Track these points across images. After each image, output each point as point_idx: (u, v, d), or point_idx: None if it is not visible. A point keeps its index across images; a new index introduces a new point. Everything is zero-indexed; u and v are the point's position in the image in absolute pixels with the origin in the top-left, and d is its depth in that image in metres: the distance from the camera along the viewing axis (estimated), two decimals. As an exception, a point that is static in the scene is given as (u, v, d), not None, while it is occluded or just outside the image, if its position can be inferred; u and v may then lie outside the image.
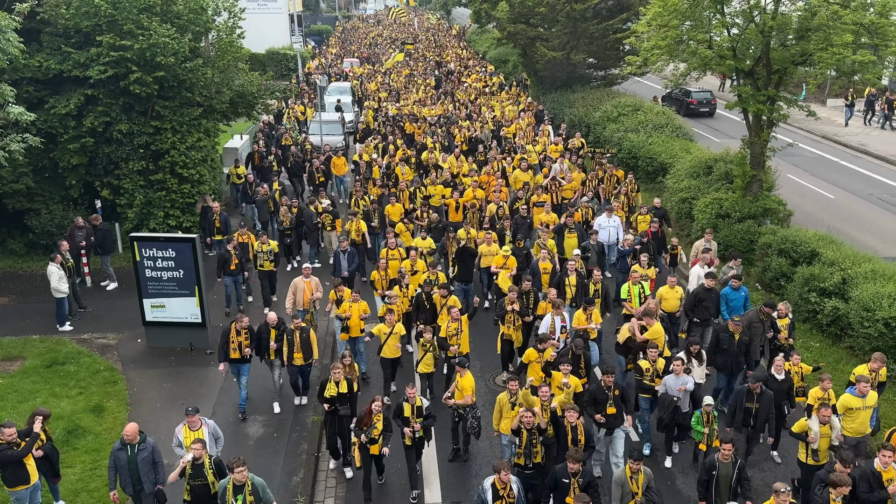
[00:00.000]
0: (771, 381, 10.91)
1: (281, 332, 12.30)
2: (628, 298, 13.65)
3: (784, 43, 16.81)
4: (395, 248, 15.34)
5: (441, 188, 20.10)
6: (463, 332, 12.55)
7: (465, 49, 56.13)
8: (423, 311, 13.41)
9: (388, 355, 12.57)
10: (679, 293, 13.71)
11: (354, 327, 13.24)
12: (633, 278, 13.71)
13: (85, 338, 15.01)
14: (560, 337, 12.42)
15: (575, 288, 14.00)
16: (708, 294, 13.35)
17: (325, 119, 27.69)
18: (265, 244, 15.77)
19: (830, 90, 37.04)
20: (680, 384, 10.90)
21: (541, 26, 32.59)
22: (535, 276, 14.91)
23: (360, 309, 13.24)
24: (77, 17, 16.92)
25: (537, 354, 11.50)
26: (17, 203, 17.75)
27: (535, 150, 23.83)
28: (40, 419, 9.70)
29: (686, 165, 21.28)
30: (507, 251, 15.33)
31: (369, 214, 18.14)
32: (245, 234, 15.91)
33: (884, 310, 13.05)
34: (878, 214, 21.74)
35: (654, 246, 16.04)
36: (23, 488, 9.41)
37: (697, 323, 13.50)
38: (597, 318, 12.96)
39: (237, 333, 12.08)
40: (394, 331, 12.45)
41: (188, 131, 18.41)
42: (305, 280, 14.06)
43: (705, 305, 13.33)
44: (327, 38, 66.53)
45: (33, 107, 16.44)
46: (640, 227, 17.18)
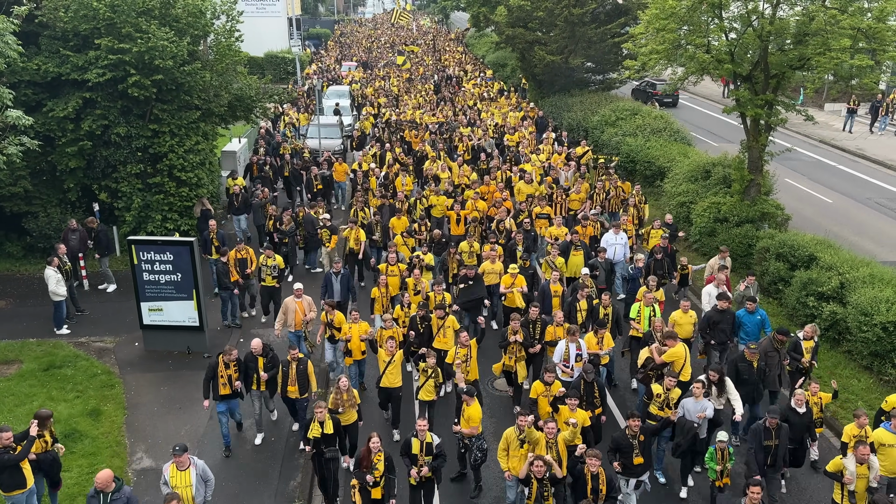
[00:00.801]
0: (791, 414, 10.20)
1: (270, 360, 11.36)
2: (637, 318, 12.92)
3: (782, 47, 16.86)
4: (396, 265, 14.60)
5: (443, 199, 19.21)
6: (472, 359, 11.69)
7: (464, 53, 55.94)
8: (418, 334, 12.60)
9: (387, 385, 11.63)
10: (693, 318, 12.83)
11: (356, 349, 12.45)
12: (647, 300, 12.93)
13: (82, 341, 14.98)
14: (575, 366, 11.57)
15: (586, 312, 13.20)
16: (722, 316, 12.62)
17: (324, 123, 27.68)
18: (270, 258, 14.96)
19: (828, 95, 37.12)
20: (699, 409, 10.15)
21: (539, 30, 32.68)
22: (545, 298, 13.92)
23: (361, 330, 12.40)
24: (75, 21, 16.91)
25: (544, 387, 10.67)
26: (15, 206, 17.72)
27: (539, 158, 23.06)
28: (35, 423, 9.66)
29: (684, 169, 21.32)
30: (515, 269, 14.30)
31: (371, 227, 17.59)
32: (244, 250, 15.20)
33: (882, 314, 13.05)
34: (875, 219, 21.77)
35: (668, 263, 15.35)
36: (19, 492, 9.36)
37: (714, 346, 12.74)
38: (608, 342, 12.26)
39: (226, 367, 11.06)
40: (394, 359, 11.49)
41: (186, 134, 18.41)
42: (297, 300, 13.17)
43: (720, 328, 12.60)
44: (326, 41, 66.59)
45: (31, 110, 16.43)
46: (651, 242, 16.45)
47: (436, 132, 26.95)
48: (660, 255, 15.24)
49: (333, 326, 12.70)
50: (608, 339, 12.26)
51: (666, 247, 15.64)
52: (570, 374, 11.48)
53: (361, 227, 17.26)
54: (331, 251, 17.72)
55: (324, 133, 26.43)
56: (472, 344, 11.70)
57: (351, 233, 16.77)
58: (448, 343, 12.37)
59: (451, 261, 15.71)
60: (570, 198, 19.37)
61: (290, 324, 13.16)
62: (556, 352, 11.78)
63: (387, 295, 13.93)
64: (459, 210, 18.23)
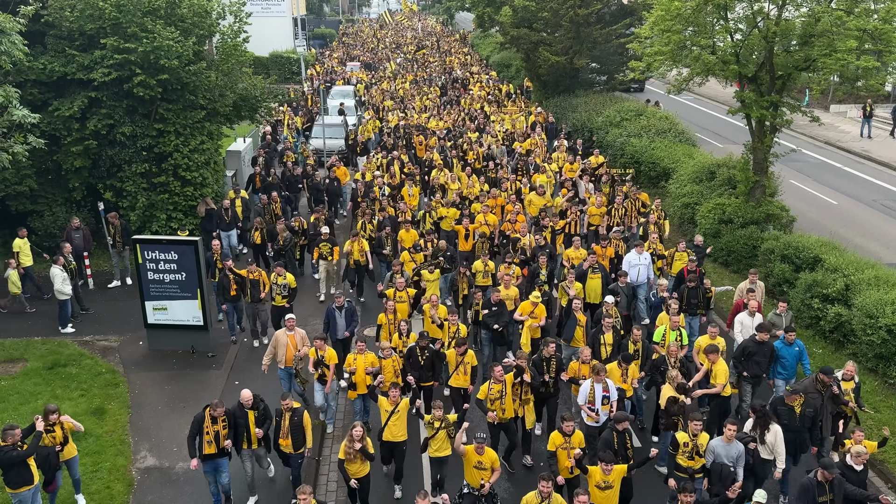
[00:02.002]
0: (848, 472, 9.00)
1: (262, 413, 10.16)
2: (661, 343, 11.97)
3: (787, 49, 16.82)
4: (405, 290, 13.54)
5: (453, 211, 17.96)
6: (507, 395, 10.53)
7: (469, 55, 55.46)
8: (416, 368, 11.51)
9: (390, 438, 10.33)
10: (721, 345, 11.70)
11: (361, 383, 11.43)
12: (673, 323, 12.02)
13: (87, 340, 15.02)
14: (601, 409, 10.38)
15: (612, 347, 11.88)
16: (759, 348, 11.48)
17: (328, 123, 27.70)
18: (281, 276, 14.23)
19: (834, 96, 37.02)
20: (733, 452, 9.20)
21: (544, 31, 32.65)
22: (570, 322, 12.82)
23: (367, 361, 11.42)
24: (81, 20, 16.96)
25: (563, 439, 9.42)
26: (21, 205, 17.78)
27: (551, 168, 21.86)
28: (40, 418, 9.69)
29: (689, 171, 21.28)
30: (538, 298, 12.95)
31: (381, 241, 16.73)
32: (256, 272, 14.40)
33: (887, 317, 13.01)
34: (881, 221, 21.70)
35: (703, 291, 13.89)
36: (26, 489, 9.40)
37: (747, 378, 11.70)
38: (633, 373, 11.16)
39: (212, 421, 9.83)
40: (398, 408, 10.21)
41: (191, 134, 18.44)
42: (289, 333, 12.08)
43: (756, 360, 11.52)
44: (331, 41, 66.64)
45: (37, 109, 16.47)
46: (676, 266, 15.24)
47: (444, 138, 25.67)
48: (693, 282, 13.82)
49: (323, 364, 11.66)
50: (633, 371, 11.17)
51: (695, 270, 14.25)
52: (596, 418, 10.42)
53: (370, 240, 16.63)
54: (329, 265, 16.81)
55: (328, 133, 26.46)
56: (507, 379, 10.55)
57: (354, 245, 16.04)
58: (467, 380, 11.46)
59: (461, 280, 14.56)
60: (590, 212, 18.12)
61: (281, 359, 12.05)
62: (581, 393, 10.62)
63: (394, 322, 12.68)
64: (468, 224, 17.06)
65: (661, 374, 11.07)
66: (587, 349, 11.30)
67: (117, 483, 10.86)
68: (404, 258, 15.32)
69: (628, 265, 14.99)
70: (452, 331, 12.35)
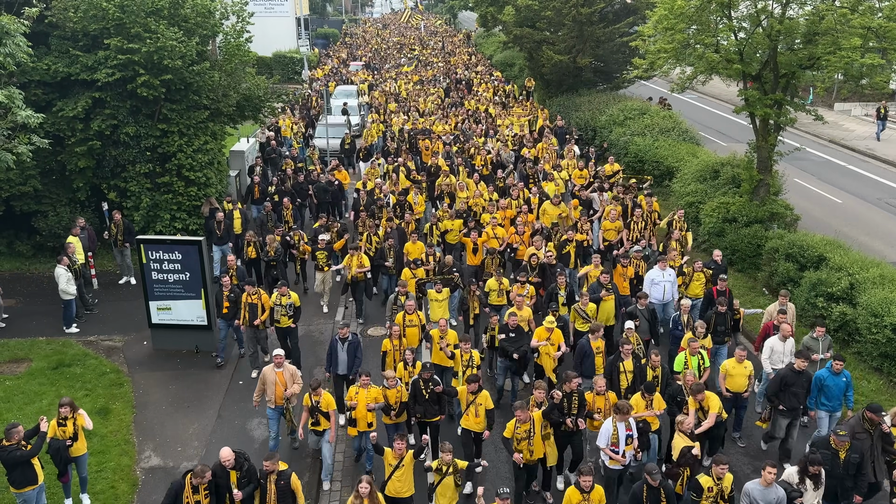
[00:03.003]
0: None
1: (246, 474, 9.01)
2: (683, 372, 11.06)
3: (791, 47, 16.77)
4: (414, 313, 12.43)
5: (459, 222, 16.91)
6: (536, 435, 9.70)
7: (473, 55, 54.88)
8: (420, 402, 10.60)
9: (394, 494, 9.31)
10: (748, 369, 11.05)
11: (361, 419, 10.53)
12: (693, 348, 11.14)
13: (91, 340, 15.05)
14: (625, 451, 9.55)
15: (632, 375, 10.89)
16: (798, 378, 10.54)
17: (332, 122, 27.71)
18: (285, 296, 13.27)
19: (838, 94, 36.93)
20: (772, 497, 8.52)
21: (547, 30, 32.63)
22: (585, 358, 11.59)
23: (370, 396, 10.50)
24: (85, 21, 17.00)
25: (581, 496, 8.52)
26: (25, 205, 17.83)
27: (561, 175, 20.56)
28: (45, 418, 9.72)
29: (693, 169, 21.24)
30: (552, 323, 12.01)
31: (384, 252, 15.78)
32: (255, 294, 13.39)
33: (892, 315, 12.97)
34: (886, 219, 21.63)
35: (731, 315, 12.88)
36: (30, 489, 9.45)
37: (783, 412, 10.75)
38: (659, 403, 10.28)
39: (193, 490, 8.75)
40: (403, 462, 9.23)
41: (195, 134, 18.47)
42: (277, 370, 11.03)
43: (794, 391, 10.55)
44: (334, 41, 66.67)
45: (41, 109, 16.50)
46: (693, 287, 14.15)
47: (450, 143, 24.40)
48: (724, 306, 12.67)
49: (320, 411, 10.50)
50: (659, 401, 10.26)
51: (724, 291, 13.25)
52: (623, 461, 9.55)
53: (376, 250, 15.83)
54: (326, 276, 16.11)
55: (331, 133, 26.48)
56: (534, 417, 9.68)
57: (353, 260, 15.17)
58: (480, 424, 10.35)
59: (472, 300, 13.52)
60: (605, 227, 16.91)
61: (270, 398, 11.09)
62: (602, 434, 9.65)
63: (400, 348, 11.74)
64: (476, 237, 15.90)
65: (679, 405, 10.37)
66: (601, 379, 10.40)
67: (122, 483, 10.89)
68: (405, 275, 14.35)
69: (651, 283, 13.94)
70: (465, 358, 11.26)
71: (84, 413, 10.19)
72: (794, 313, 13.16)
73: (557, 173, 20.66)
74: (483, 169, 21.53)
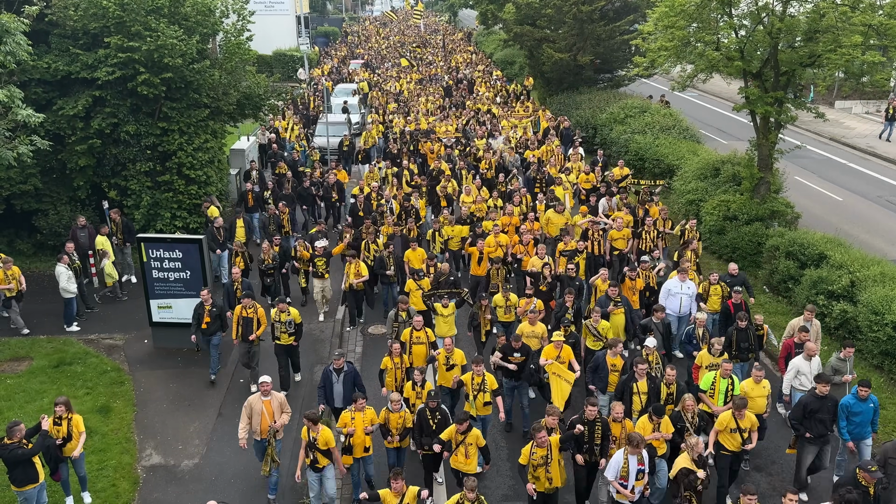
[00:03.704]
0: None
1: None
2: (710, 392, 10.41)
3: (792, 45, 16.75)
4: (422, 330, 11.64)
5: (461, 228, 16.33)
6: (553, 461, 9.05)
7: (474, 53, 54.25)
8: (427, 433, 9.71)
9: None
10: (767, 389, 10.44)
11: (359, 445, 9.77)
12: (725, 370, 10.43)
13: (92, 338, 15.06)
14: (635, 486, 8.96)
15: (646, 396, 10.22)
16: (822, 403, 9.86)
17: (332, 121, 27.71)
18: (284, 313, 12.61)
19: (839, 92, 36.90)
20: None
21: (547, 28, 32.61)
22: (598, 371, 11.01)
23: (367, 419, 9.82)
24: (85, 19, 16.99)
25: None
26: (25, 204, 17.83)
27: (568, 179, 19.68)
28: (46, 417, 9.72)
29: (693, 167, 21.22)
30: (560, 337, 11.42)
31: (383, 261, 15.16)
32: (251, 307, 12.75)
33: (892, 313, 12.97)
34: (886, 217, 21.62)
35: (753, 332, 11.99)
36: (31, 487, 9.46)
37: (810, 440, 10.04)
38: (667, 427, 9.67)
39: None
40: (405, 500, 8.61)
41: (195, 133, 18.46)
42: (264, 399, 10.15)
43: (819, 418, 9.89)
44: (334, 40, 66.64)
45: (41, 108, 16.51)
46: (710, 303, 13.40)
47: (451, 146, 23.49)
48: (744, 321, 11.83)
49: (317, 448, 9.51)
50: (667, 425, 9.66)
51: (741, 304, 12.61)
52: (632, 497, 8.99)
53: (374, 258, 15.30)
54: (324, 283, 15.49)
55: (332, 131, 26.47)
56: (552, 441, 9.03)
57: (351, 268, 14.67)
58: (471, 465, 9.48)
59: (483, 315, 12.79)
60: (611, 236, 16.05)
61: (256, 429, 10.13)
62: (611, 467, 9.05)
63: (401, 367, 11.06)
64: (483, 247, 15.09)
65: (679, 432, 9.79)
66: (619, 405, 9.61)
67: (123, 481, 10.90)
68: (409, 287, 13.63)
69: (667, 295, 13.26)
70: (477, 382, 10.41)
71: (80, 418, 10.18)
72: (818, 330, 12.41)
73: (566, 176, 19.84)
74: (487, 172, 20.82)
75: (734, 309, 12.64)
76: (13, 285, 14.71)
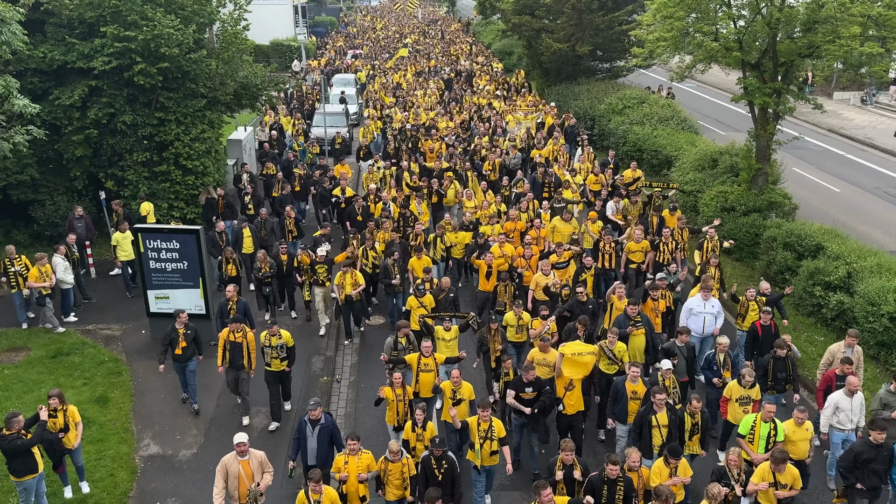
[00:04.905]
0: None
1: None
2: (750, 437, 9.25)
3: (791, 35, 16.71)
4: (431, 356, 10.47)
5: (465, 235, 15.30)
6: None
7: (474, 44, 53.22)
8: (433, 483, 8.63)
9: None
10: (810, 432, 9.33)
11: (353, 494, 8.77)
12: (767, 414, 9.17)
13: (89, 329, 15.06)
14: None
15: (667, 429, 9.20)
16: (877, 452, 8.85)
17: (329, 111, 27.64)
18: (275, 336, 11.42)
19: (837, 83, 36.86)
20: None
21: (546, 18, 32.51)
22: (619, 403, 9.98)
23: (363, 465, 8.79)
24: (81, 8, 16.90)
25: None
26: (22, 194, 17.79)
27: (575, 181, 18.58)
28: (44, 407, 9.73)
29: (691, 158, 21.23)
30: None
31: (388, 270, 14.11)
32: (240, 332, 11.55)
33: (889, 304, 13.01)
34: (884, 208, 21.65)
35: (791, 361, 10.82)
36: (30, 477, 9.48)
37: (861, 492, 9.03)
38: (685, 471, 8.67)
39: None
40: None
41: (192, 123, 18.41)
42: (240, 459, 8.79)
43: (873, 469, 8.87)
44: (331, 30, 66.34)
45: (37, 98, 16.45)
46: (749, 319, 12.15)
47: (453, 144, 21.95)
48: (783, 349, 10.68)
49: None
50: (685, 468, 8.66)
51: (770, 325, 11.46)
52: None
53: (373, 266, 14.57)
54: (326, 291, 14.56)
55: (329, 122, 26.39)
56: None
57: (347, 277, 13.74)
58: None
59: (492, 339, 11.41)
60: (628, 248, 14.68)
61: (234, 494, 8.82)
62: None
63: (403, 399, 9.90)
64: (491, 260, 13.68)
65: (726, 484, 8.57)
66: (635, 453, 8.61)
67: (121, 471, 10.92)
68: (410, 304, 12.55)
69: (689, 314, 12.14)
70: (484, 428, 9.14)
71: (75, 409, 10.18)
72: (860, 357, 11.18)
73: (572, 178, 18.69)
74: (491, 174, 19.48)
75: (762, 331, 11.48)
76: (49, 283, 14.49)
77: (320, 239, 15.43)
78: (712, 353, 11.07)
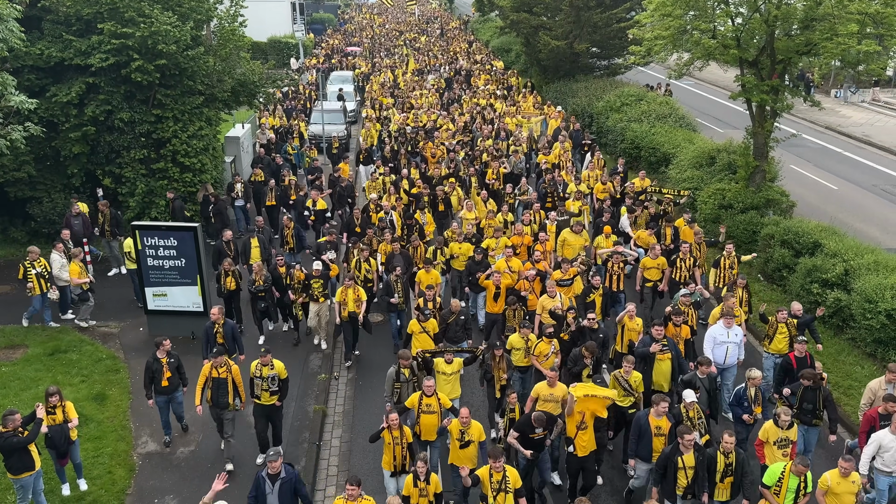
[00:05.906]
0: None
1: None
2: (776, 489, 8.28)
3: (789, 33, 16.73)
4: (433, 396, 9.49)
5: (468, 246, 14.24)
6: None
7: (472, 43, 52.66)
8: None
9: None
10: (857, 484, 8.35)
11: None
12: (798, 469, 8.18)
13: (87, 326, 15.04)
14: None
15: (693, 471, 8.48)
16: None
17: (327, 108, 27.60)
18: (267, 367, 10.34)
19: (835, 80, 36.90)
20: None
21: (544, 15, 32.52)
22: (642, 441, 9.19)
23: None
24: (78, 5, 16.86)
25: None
26: (19, 191, 17.76)
27: (580, 188, 17.70)
28: (41, 405, 9.73)
29: (689, 156, 21.24)
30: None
31: (390, 286, 13.22)
32: (222, 367, 10.42)
33: (886, 301, 13.04)
34: (881, 205, 21.69)
35: (821, 393, 9.83)
36: (27, 475, 9.47)
37: None
38: None
39: None
40: None
41: (190, 120, 18.38)
42: None
43: None
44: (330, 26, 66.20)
45: (35, 95, 16.40)
46: (776, 342, 11.40)
47: (454, 148, 20.80)
48: (810, 380, 9.74)
49: None
50: None
51: (805, 357, 10.42)
52: None
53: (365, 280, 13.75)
54: (321, 309, 13.82)
55: (327, 119, 26.37)
56: None
57: (348, 293, 12.83)
58: None
59: (497, 367, 10.36)
60: (644, 265, 13.70)
61: None
62: None
63: (401, 442, 8.93)
64: (499, 280, 12.61)
65: None
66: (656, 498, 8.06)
67: (119, 468, 10.93)
68: (412, 328, 11.54)
69: (712, 343, 11.13)
70: (496, 479, 8.16)
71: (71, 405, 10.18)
72: None
73: (576, 186, 17.77)
74: (495, 183, 18.52)
75: (797, 363, 10.35)
76: (89, 278, 14.58)
77: (325, 245, 14.86)
78: (742, 388, 10.04)
